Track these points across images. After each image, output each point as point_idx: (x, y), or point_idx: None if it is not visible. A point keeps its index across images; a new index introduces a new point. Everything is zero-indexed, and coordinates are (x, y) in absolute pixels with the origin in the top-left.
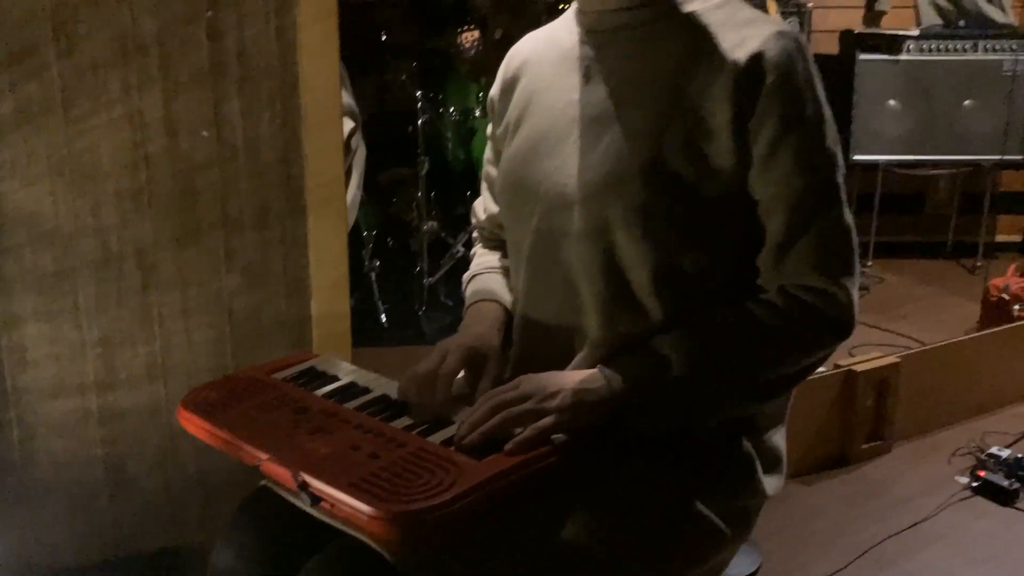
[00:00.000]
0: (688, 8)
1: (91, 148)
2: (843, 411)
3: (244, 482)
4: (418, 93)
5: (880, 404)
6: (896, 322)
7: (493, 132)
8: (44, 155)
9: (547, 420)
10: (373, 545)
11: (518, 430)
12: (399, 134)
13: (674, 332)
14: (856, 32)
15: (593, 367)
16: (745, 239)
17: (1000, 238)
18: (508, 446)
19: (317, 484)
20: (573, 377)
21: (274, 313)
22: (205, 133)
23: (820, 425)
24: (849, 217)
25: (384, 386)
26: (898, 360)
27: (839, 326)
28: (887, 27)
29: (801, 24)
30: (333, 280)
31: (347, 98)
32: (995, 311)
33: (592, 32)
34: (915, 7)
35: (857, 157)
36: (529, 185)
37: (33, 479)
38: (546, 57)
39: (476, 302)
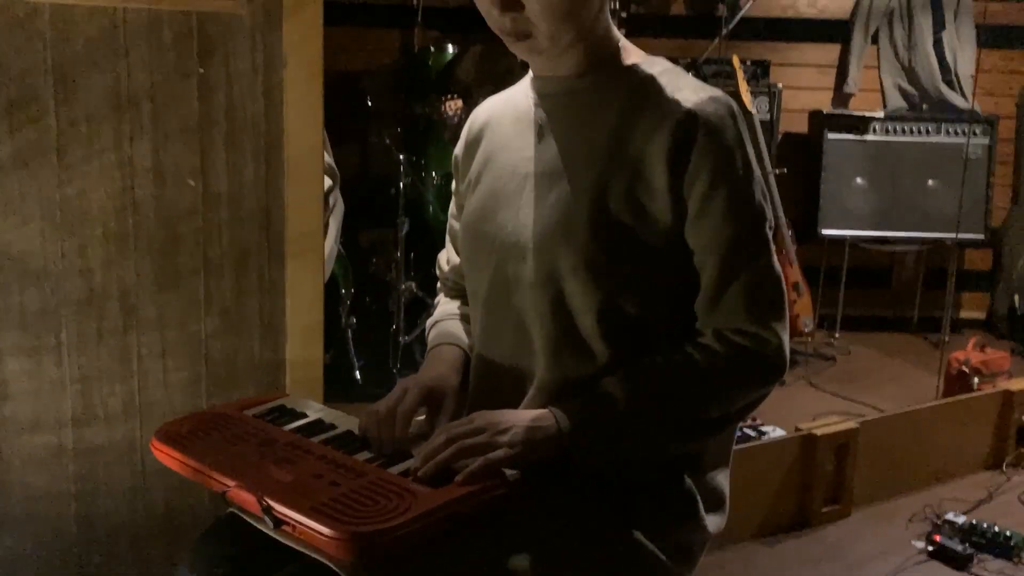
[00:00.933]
0: (631, 75)
1: (82, 193)
2: (803, 474)
3: (210, 519)
4: (400, 157)
5: (840, 468)
6: (860, 392)
7: (456, 188)
8: (36, 198)
9: (498, 453)
10: (331, 566)
11: (470, 462)
12: (381, 196)
13: (618, 374)
14: (825, 112)
15: (543, 407)
16: (684, 286)
17: (964, 314)
18: (459, 477)
19: (280, 508)
20: (525, 415)
21: (249, 356)
22: (191, 182)
23: (781, 487)
24: (777, 266)
25: (348, 423)
26: (857, 426)
27: (771, 368)
28: (855, 108)
29: (771, 103)
30: (308, 326)
31: (326, 157)
32: (956, 383)
33: (545, 96)
34: (881, 90)
35: (825, 232)
36: (487, 237)
37: (5, 511)
38: (505, 119)
39: (437, 345)
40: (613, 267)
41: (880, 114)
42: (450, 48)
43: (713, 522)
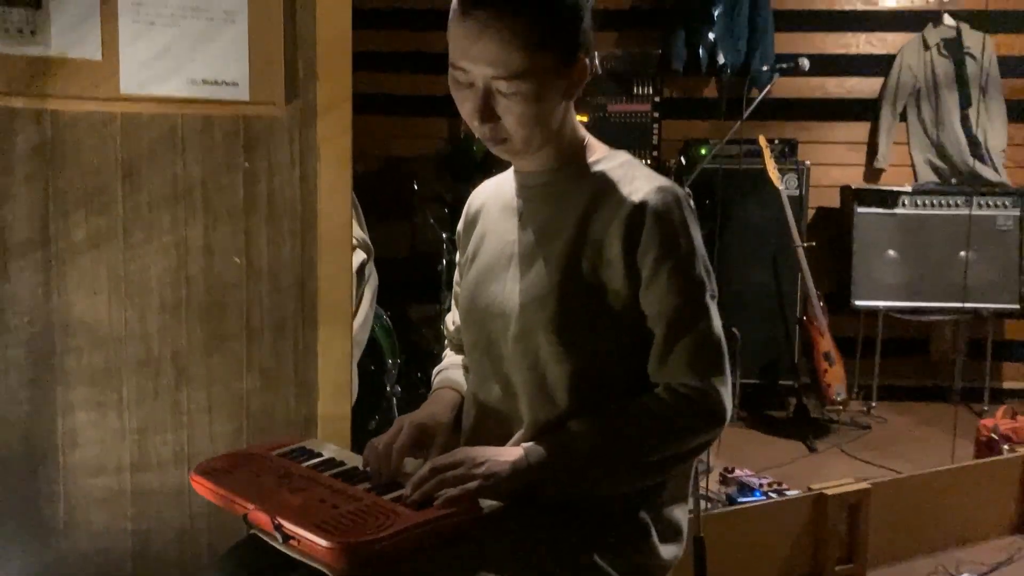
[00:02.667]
0: (595, 169)
1: (143, 269)
2: (815, 534)
3: None
4: (444, 235)
5: (852, 529)
6: (893, 459)
7: (459, 260)
8: (105, 273)
9: (473, 483)
10: (328, 573)
11: (453, 490)
12: (428, 273)
13: (583, 418)
14: (854, 187)
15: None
16: (640, 345)
17: (1008, 384)
18: (438, 501)
19: (288, 525)
20: (500, 450)
21: (285, 411)
22: (237, 259)
23: (792, 547)
24: (718, 328)
25: (356, 461)
26: (869, 486)
27: (711, 416)
28: (886, 183)
29: (799, 180)
30: (337, 384)
31: (360, 233)
32: (986, 451)
33: (524, 187)
34: (912, 165)
35: (858, 303)
36: (480, 305)
37: (72, 546)
38: (495, 205)
39: (438, 389)
40: (579, 330)
41: (909, 188)
42: None
43: (668, 551)
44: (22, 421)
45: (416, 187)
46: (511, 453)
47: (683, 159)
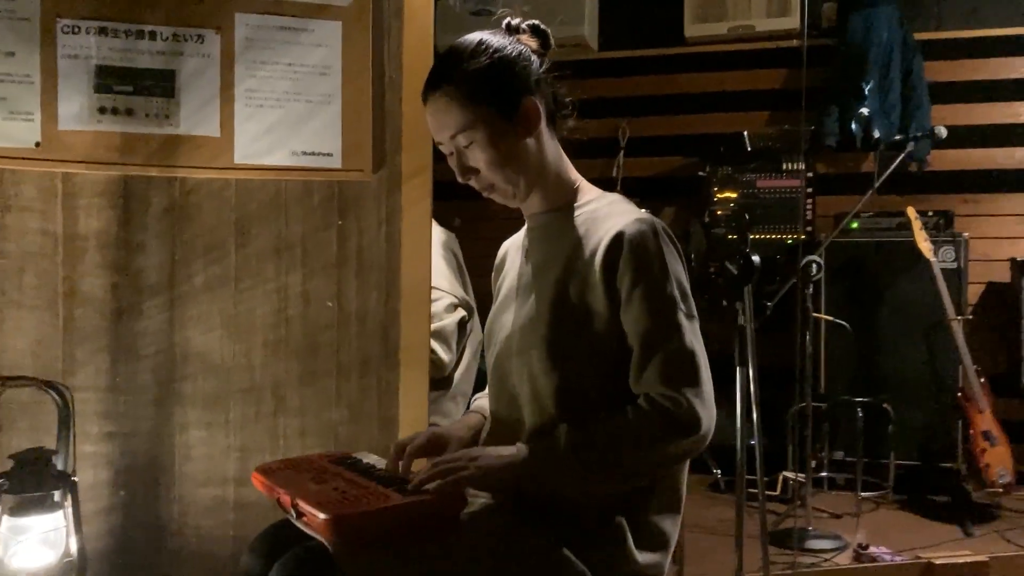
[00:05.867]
0: (585, 208)
1: (250, 311)
2: None
3: None
4: None
5: None
6: None
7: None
8: (218, 313)
9: (465, 472)
10: (324, 543)
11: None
12: None
13: (570, 424)
14: (1019, 260)
15: None
16: (623, 361)
17: None
18: (431, 486)
19: (302, 504)
20: (496, 449)
21: (369, 440)
22: (329, 304)
23: None
24: (690, 344)
25: (383, 464)
26: (987, 559)
27: (683, 424)
28: None
29: (956, 252)
30: (415, 418)
31: (462, 292)
32: None
33: (530, 229)
34: None
35: None
36: (495, 330)
37: (183, 544)
38: (513, 248)
39: (468, 412)
40: (566, 347)
41: None
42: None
43: (648, 558)
44: (147, 435)
45: None
46: (504, 451)
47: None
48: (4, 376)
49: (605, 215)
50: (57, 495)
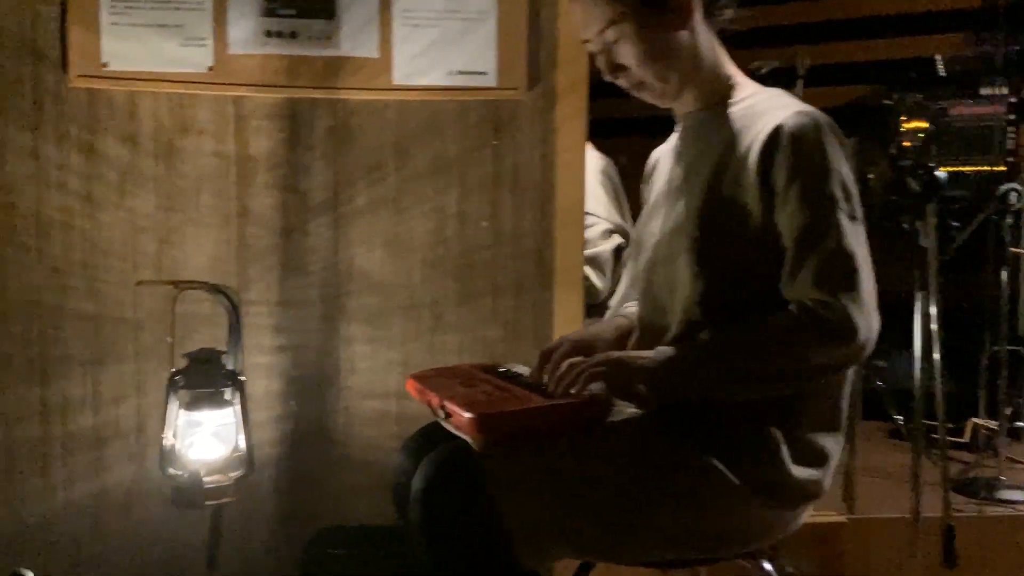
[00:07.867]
0: (742, 104)
1: (409, 230)
2: None
3: None
4: None
5: None
6: None
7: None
8: (380, 232)
9: (599, 369)
10: (470, 442)
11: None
12: None
13: (713, 328)
14: None
15: None
16: (775, 267)
17: None
18: (573, 389)
19: (449, 406)
20: (635, 352)
21: (525, 360)
22: (485, 224)
23: None
24: (850, 245)
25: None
26: None
27: (837, 332)
28: None
29: None
30: None
31: (619, 220)
32: None
33: (681, 128)
34: None
35: None
36: (643, 236)
37: (348, 453)
38: (664, 154)
39: (614, 316)
40: (715, 252)
41: None
42: None
43: (804, 472)
44: (315, 348)
45: None
46: (644, 354)
47: None
48: (179, 281)
49: (764, 110)
50: (227, 393)
